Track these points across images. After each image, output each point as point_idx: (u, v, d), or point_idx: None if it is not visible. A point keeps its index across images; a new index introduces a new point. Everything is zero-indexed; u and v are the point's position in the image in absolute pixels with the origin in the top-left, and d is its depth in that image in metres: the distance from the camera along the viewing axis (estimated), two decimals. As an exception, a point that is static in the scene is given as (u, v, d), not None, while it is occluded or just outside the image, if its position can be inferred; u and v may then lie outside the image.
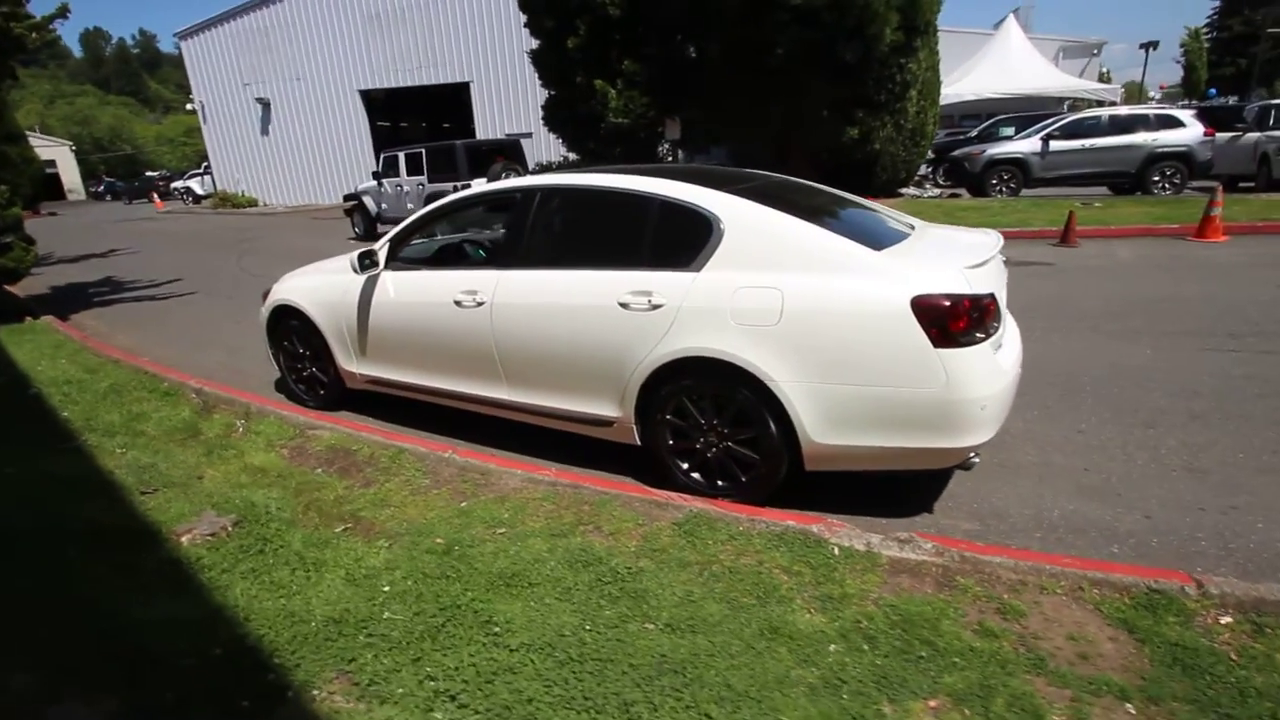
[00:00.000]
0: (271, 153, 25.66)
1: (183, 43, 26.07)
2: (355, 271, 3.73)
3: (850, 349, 2.53)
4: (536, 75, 12.55)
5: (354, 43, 22.82)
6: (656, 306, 2.83)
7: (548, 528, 2.72)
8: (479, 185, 3.73)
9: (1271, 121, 12.21)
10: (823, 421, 2.61)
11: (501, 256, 3.41)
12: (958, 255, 2.71)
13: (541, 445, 3.63)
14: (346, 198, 14.89)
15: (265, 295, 4.51)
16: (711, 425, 2.88)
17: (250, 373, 5.31)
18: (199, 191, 31.98)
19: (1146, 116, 12.24)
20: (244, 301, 8.54)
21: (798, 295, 2.60)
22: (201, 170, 32.89)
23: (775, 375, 2.62)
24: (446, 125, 28.80)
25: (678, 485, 3.02)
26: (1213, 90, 33.11)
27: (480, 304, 3.32)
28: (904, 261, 2.63)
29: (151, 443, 3.88)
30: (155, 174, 42.26)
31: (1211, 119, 12.32)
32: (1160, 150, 11.91)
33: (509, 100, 21.13)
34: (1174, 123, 11.95)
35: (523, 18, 12.92)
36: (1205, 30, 46.61)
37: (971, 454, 2.59)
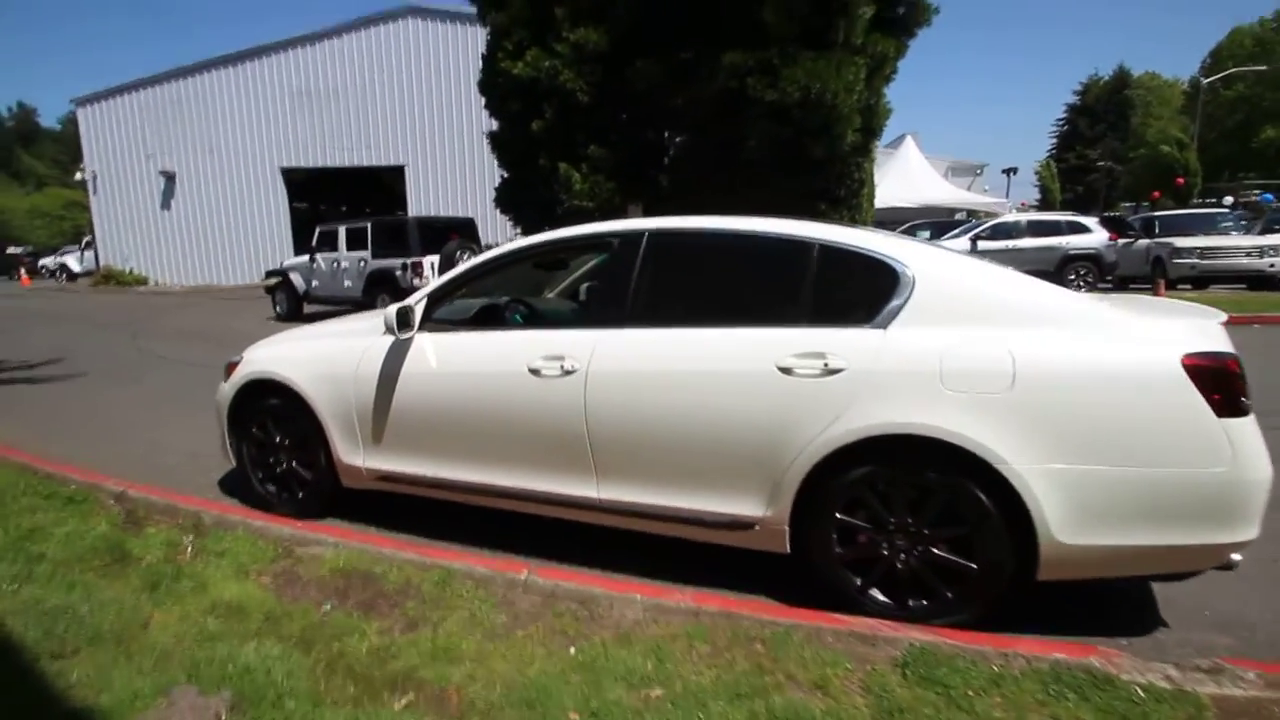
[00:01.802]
0: (171, 228, 23.58)
1: (80, 109, 24.10)
2: (391, 332, 2.90)
3: (1109, 421, 2.04)
4: (494, 157, 12.22)
5: (278, 119, 21.90)
6: (834, 372, 2.25)
7: (722, 682, 1.93)
8: (514, 242, 3.14)
9: (1157, 229, 13.76)
10: (1072, 515, 2.05)
11: (596, 314, 2.74)
12: (1180, 313, 2.35)
13: (611, 556, 2.83)
14: (269, 274, 13.57)
15: (229, 368, 3.52)
16: (904, 525, 2.25)
17: (179, 471, 4.14)
18: (75, 269, 28.79)
19: (1059, 222, 13.51)
20: (155, 385, 7.16)
21: (1035, 355, 2.10)
22: (81, 246, 29.78)
23: (1008, 456, 2.06)
24: (369, 209, 27.91)
25: (845, 606, 2.32)
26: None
27: (569, 372, 2.60)
28: (1142, 318, 2.23)
29: (58, 572, 2.73)
30: (19, 250, 37.94)
31: (1112, 226, 13.77)
32: (1074, 252, 13.07)
33: (447, 183, 20.73)
34: (1083, 228, 13.23)
35: (476, 100, 12.73)
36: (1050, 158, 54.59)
37: (1236, 551, 2.11)
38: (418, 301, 3.00)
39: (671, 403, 2.46)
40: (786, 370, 2.30)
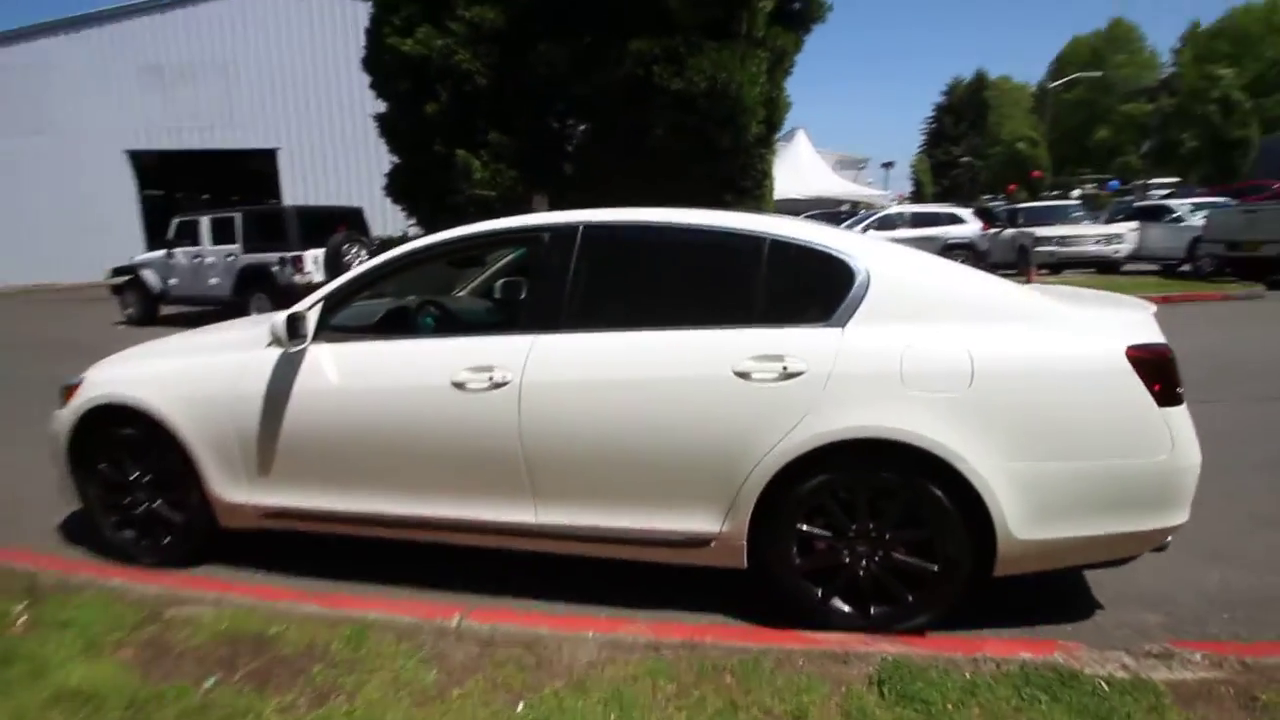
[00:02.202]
0: (-9, 220, 20.32)
1: None
2: (280, 344, 2.43)
3: (1061, 416, 2.02)
4: (383, 141, 11.32)
5: (124, 96, 19.34)
6: (793, 375, 2.09)
7: (698, 732, 1.73)
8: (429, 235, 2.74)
9: (1021, 220, 15.01)
10: (1028, 511, 2.02)
11: (527, 317, 2.43)
12: (1113, 304, 2.39)
13: (554, 586, 2.57)
14: (116, 271, 11.89)
15: (67, 392, 2.89)
16: (865, 531, 2.14)
17: (2, 521, 3.41)
18: None
19: (938, 214, 14.45)
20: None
21: (991, 352, 2.04)
22: None
23: (968, 456, 2.00)
24: (236, 197, 25.42)
25: (807, 619, 2.20)
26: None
27: (500, 385, 2.29)
28: (1083, 310, 2.23)
29: None
30: None
31: (983, 217, 14.90)
32: (952, 241, 14.01)
33: (328, 169, 19.17)
34: (959, 220, 14.24)
35: (361, 79, 11.76)
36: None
37: (1171, 534, 2.17)
38: (311, 306, 2.55)
39: (618, 414, 2.21)
40: (743, 375, 2.12)
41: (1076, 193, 28.67)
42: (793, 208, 23.18)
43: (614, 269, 2.46)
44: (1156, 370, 2.02)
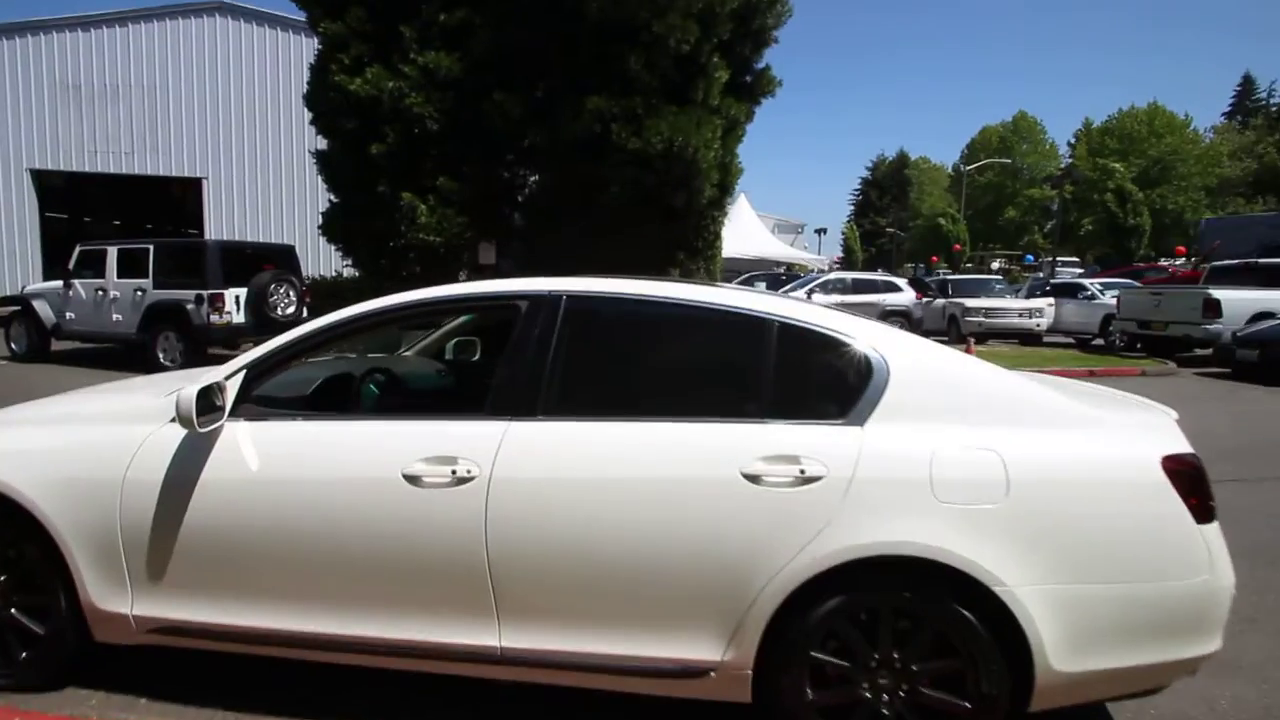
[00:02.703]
0: None
1: None
2: (188, 424, 1.95)
3: (1103, 531, 1.83)
4: (321, 179, 10.78)
5: (29, 111, 17.93)
6: (810, 479, 1.84)
7: None
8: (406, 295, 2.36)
9: (950, 291, 15.79)
10: (1068, 639, 1.79)
11: (498, 399, 2.08)
12: (1133, 407, 2.28)
13: (511, 715, 2.16)
14: (4, 300, 10.70)
15: None
16: (888, 660, 1.87)
17: None
18: None
19: (876, 281, 15.03)
20: None
21: (1025, 458, 1.85)
22: None
23: (1006, 576, 1.77)
24: (150, 226, 23.83)
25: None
26: (880, 268, 43.22)
27: (464, 480, 1.92)
28: (1110, 413, 2.10)
29: None
30: None
31: (916, 287, 15.59)
32: (889, 308, 14.53)
33: (258, 203, 18.20)
34: (896, 288, 14.84)
35: (300, 114, 11.27)
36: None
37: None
38: (230, 375, 2.12)
39: (604, 519, 1.89)
40: (753, 478, 1.85)
41: (996, 265, 30.77)
42: (735, 267, 23.79)
43: (601, 347, 2.19)
44: (1192, 482, 1.88)
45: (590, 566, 1.90)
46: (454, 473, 1.93)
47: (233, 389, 2.10)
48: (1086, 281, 15.45)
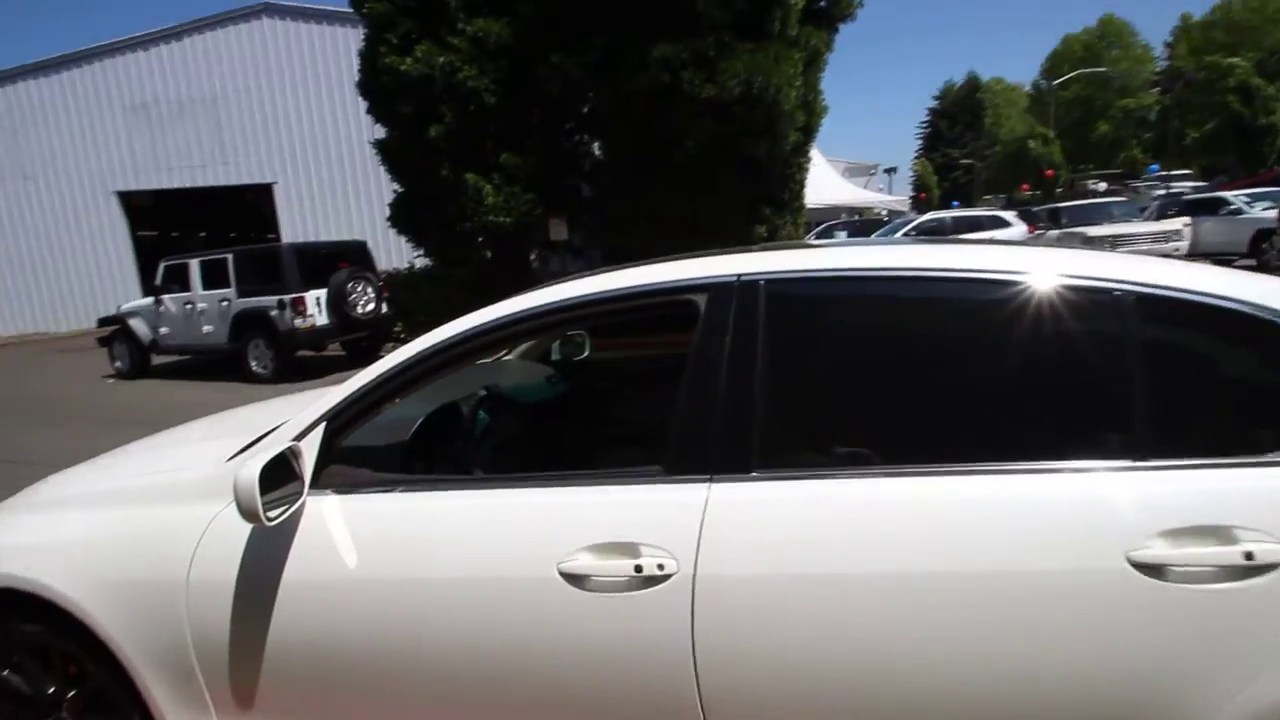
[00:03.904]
0: (-20, 268, 19.57)
1: None
2: (254, 516, 1.40)
3: None
4: (384, 169, 10.49)
5: (110, 136, 18.65)
6: (1262, 569, 1.09)
7: None
8: (576, 284, 1.57)
9: (1064, 220, 14.15)
10: None
11: (690, 451, 1.38)
12: None
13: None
14: (102, 321, 11.05)
15: None
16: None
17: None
18: None
19: (981, 218, 13.59)
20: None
21: None
22: None
23: None
24: (233, 234, 24.69)
25: None
26: (955, 202, 40.42)
27: (655, 579, 1.30)
28: None
29: None
30: None
31: (1027, 219, 14.05)
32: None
33: (327, 202, 18.38)
34: (1004, 223, 13.36)
35: (356, 105, 10.97)
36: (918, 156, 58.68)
37: None
38: (305, 433, 1.57)
39: (889, 635, 1.21)
40: (1152, 569, 1.12)
41: (1103, 188, 27.85)
42: (810, 217, 22.48)
43: (843, 356, 1.48)
44: None
45: (871, 706, 1.23)
46: (638, 569, 1.30)
47: (310, 452, 1.55)
48: (1230, 194, 13.43)
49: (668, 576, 1.29)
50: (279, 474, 1.45)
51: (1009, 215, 13.82)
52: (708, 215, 8.91)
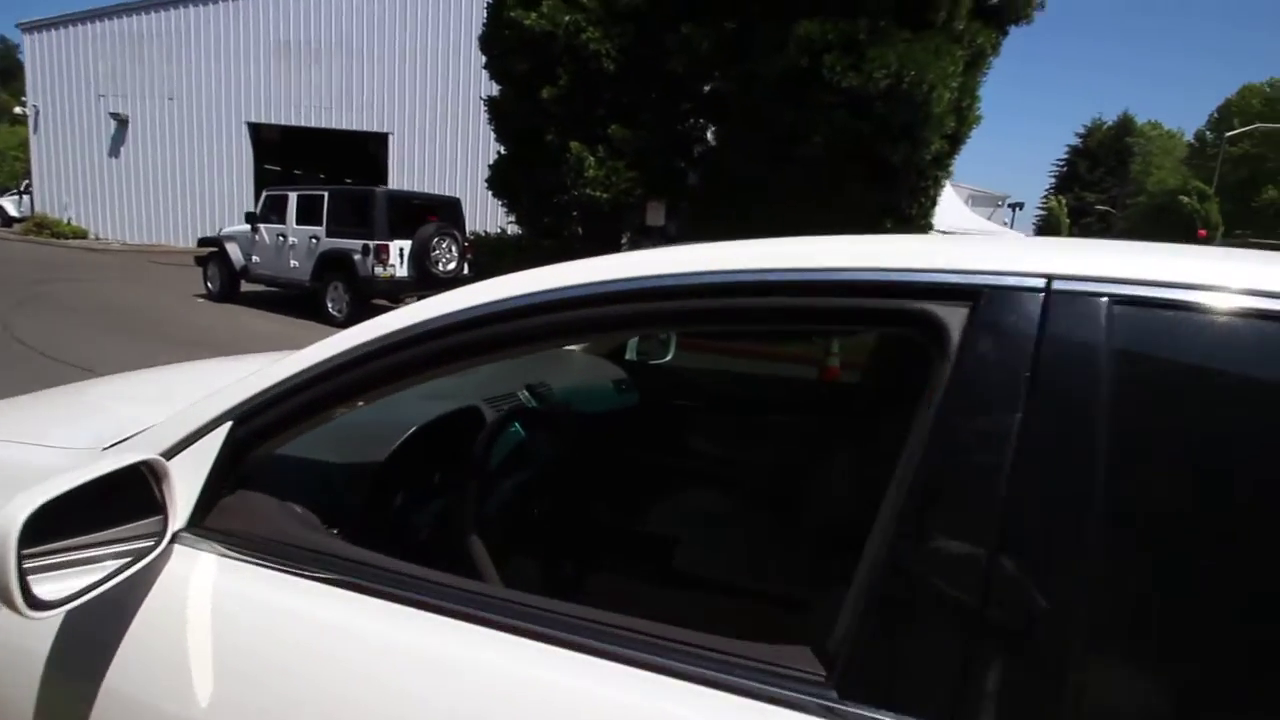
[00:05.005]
0: (120, 179, 21.01)
1: (27, 36, 21.42)
2: (5, 593, 0.66)
3: None
4: (491, 129, 10.18)
5: (251, 69, 19.55)
6: None
7: None
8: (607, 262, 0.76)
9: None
10: None
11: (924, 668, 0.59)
12: None
13: None
14: (202, 242, 11.34)
15: None
16: None
17: None
18: (11, 212, 25.90)
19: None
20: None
21: None
22: (21, 188, 26.89)
23: None
24: (349, 180, 25.58)
25: None
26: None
27: None
28: None
29: None
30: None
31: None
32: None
33: (434, 156, 18.58)
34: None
35: (475, 61, 10.71)
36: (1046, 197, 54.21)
37: None
38: (184, 443, 0.88)
39: None
40: None
41: None
42: (923, 243, 20.89)
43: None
44: None
45: None
46: None
47: (194, 470, 0.87)
48: None
49: None
50: (116, 507, 0.79)
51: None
52: (822, 221, 8.02)
